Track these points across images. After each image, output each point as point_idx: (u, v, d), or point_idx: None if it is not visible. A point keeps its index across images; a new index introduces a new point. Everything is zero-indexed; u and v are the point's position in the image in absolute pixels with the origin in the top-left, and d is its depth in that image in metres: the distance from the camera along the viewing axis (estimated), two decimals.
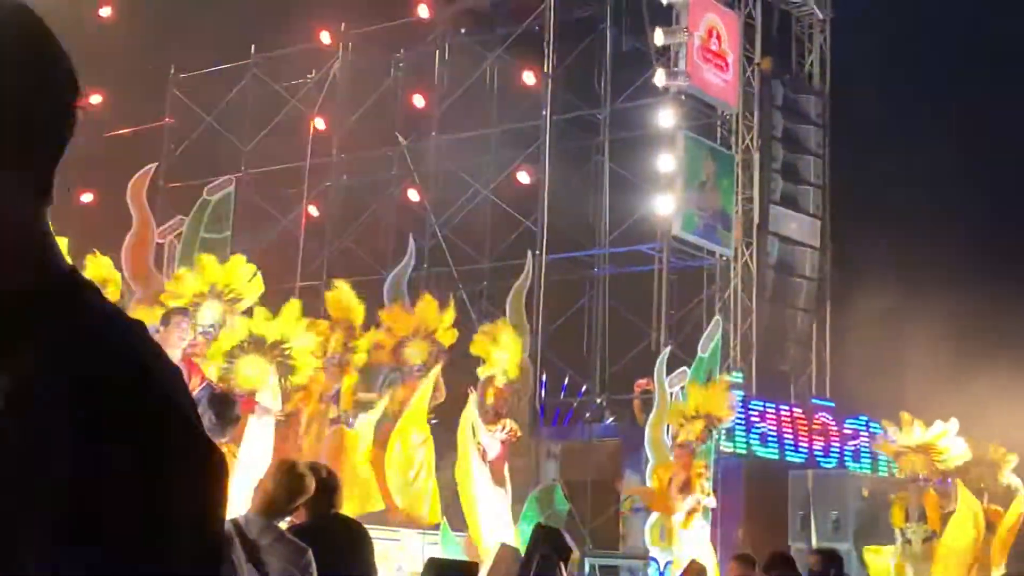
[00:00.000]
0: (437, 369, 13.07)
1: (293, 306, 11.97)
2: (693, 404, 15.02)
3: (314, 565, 5.01)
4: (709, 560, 13.82)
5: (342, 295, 13.28)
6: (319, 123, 22.24)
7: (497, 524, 12.89)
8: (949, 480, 17.21)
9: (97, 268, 11.93)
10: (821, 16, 24.27)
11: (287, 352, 11.47)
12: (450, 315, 13.65)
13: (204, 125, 22.98)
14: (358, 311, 13.18)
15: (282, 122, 22.66)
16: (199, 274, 12.02)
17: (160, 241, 14.67)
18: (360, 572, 5.85)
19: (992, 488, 16.91)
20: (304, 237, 21.61)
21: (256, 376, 11.13)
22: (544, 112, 20.12)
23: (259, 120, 22.92)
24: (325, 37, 22.37)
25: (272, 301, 12.55)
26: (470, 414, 13.15)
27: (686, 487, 14.44)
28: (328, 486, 5.81)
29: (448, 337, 13.57)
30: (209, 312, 11.78)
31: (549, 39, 20.26)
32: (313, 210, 22.33)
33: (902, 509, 15.80)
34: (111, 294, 10.93)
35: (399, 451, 12.71)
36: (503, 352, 13.58)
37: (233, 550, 4.68)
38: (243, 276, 12.16)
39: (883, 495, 16.65)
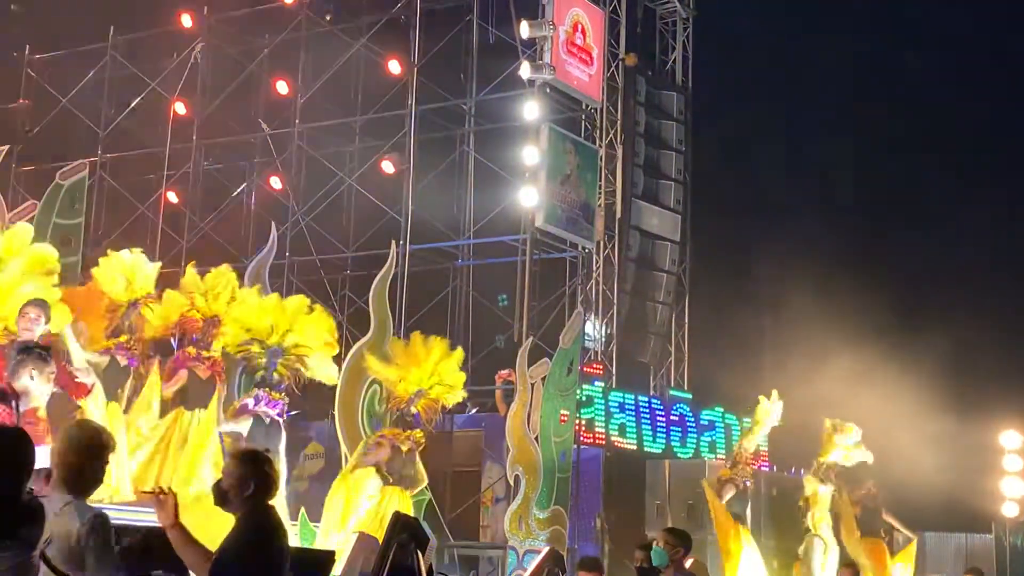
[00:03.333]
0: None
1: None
2: None
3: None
4: None
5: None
6: (180, 108, 21.81)
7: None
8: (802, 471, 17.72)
9: None
10: (684, 14, 24.68)
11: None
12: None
13: (60, 107, 22.36)
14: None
15: (141, 106, 22.18)
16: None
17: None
18: None
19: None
20: (163, 224, 21.17)
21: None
22: (409, 102, 20.05)
23: (117, 104, 22.40)
24: (186, 20, 21.95)
25: None
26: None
27: None
28: None
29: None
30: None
31: (415, 29, 20.20)
32: (172, 196, 21.90)
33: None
34: None
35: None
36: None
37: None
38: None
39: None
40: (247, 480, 5.43)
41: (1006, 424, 23.25)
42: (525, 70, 19.37)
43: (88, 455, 4.99)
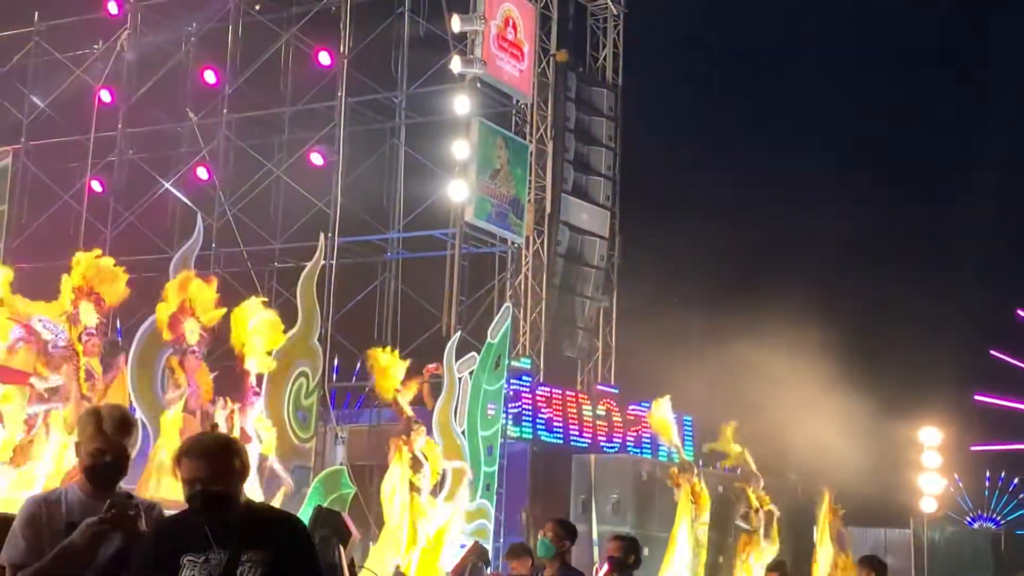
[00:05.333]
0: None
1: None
2: None
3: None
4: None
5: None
6: (105, 96, 21.49)
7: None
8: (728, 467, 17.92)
9: None
10: (615, 11, 24.80)
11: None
12: (211, 295, 13.26)
13: None
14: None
15: (66, 93, 21.82)
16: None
17: None
18: None
19: (744, 465, 17.72)
20: (86, 213, 20.85)
21: None
22: (339, 94, 19.93)
23: (41, 91, 22.03)
24: (112, 7, 21.62)
25: (51, 279, 12.14)
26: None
27: None
28: None
29: (211, 318, 13.19)
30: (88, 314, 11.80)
31: (345, 20, 20.08)
32: (96, 185, 21.59)
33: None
34: None
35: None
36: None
37: None
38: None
39: (662, 478, 17.17)
40: None
41: (925, 421, 23.68)
42: (456, 64, 19.35)
43: None
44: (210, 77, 21.46)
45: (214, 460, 4.19)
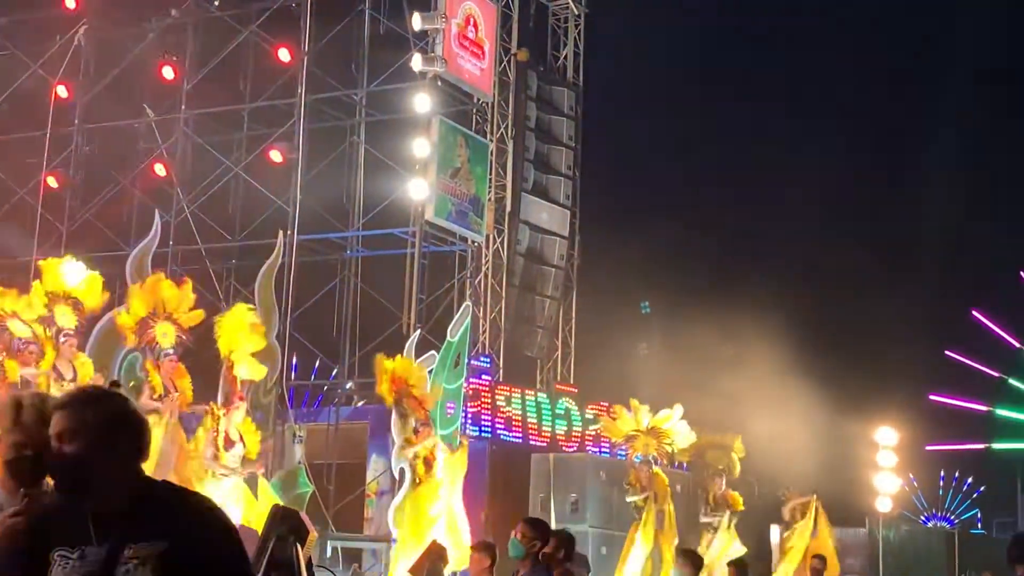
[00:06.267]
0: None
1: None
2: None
3: None
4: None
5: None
6: (62, 91, 21.28)
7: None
8: (685, 465, 18.00)
9: None
10: (576, 11, 24.83)
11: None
12: (189, 296, 13.25)
13: None
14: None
15: (22, 88, 21.59)
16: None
17: None
18: None
19: (729, 469, 17.82)
20: (42, 209, 20.64)
21: None
22: (299, 91, 19.85)
23: None
24: (70, 2, 21.40)
25: (8, 275, 12.05)
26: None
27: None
28: None
29: (189, 320, 13.21)
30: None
31: (306, 17, 19.99)
32: (53, 181, 21.37)
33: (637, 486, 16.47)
34: None
35: None
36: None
37: None
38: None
39: (620, 478, 17.21)
40: None
41: (881, 420, 23.88)
42: (417, 62, 19.31)
43: None
44: (169, 73, 21.29)
45: (73, 415, 3.33)
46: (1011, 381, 38.15)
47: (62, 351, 12.12)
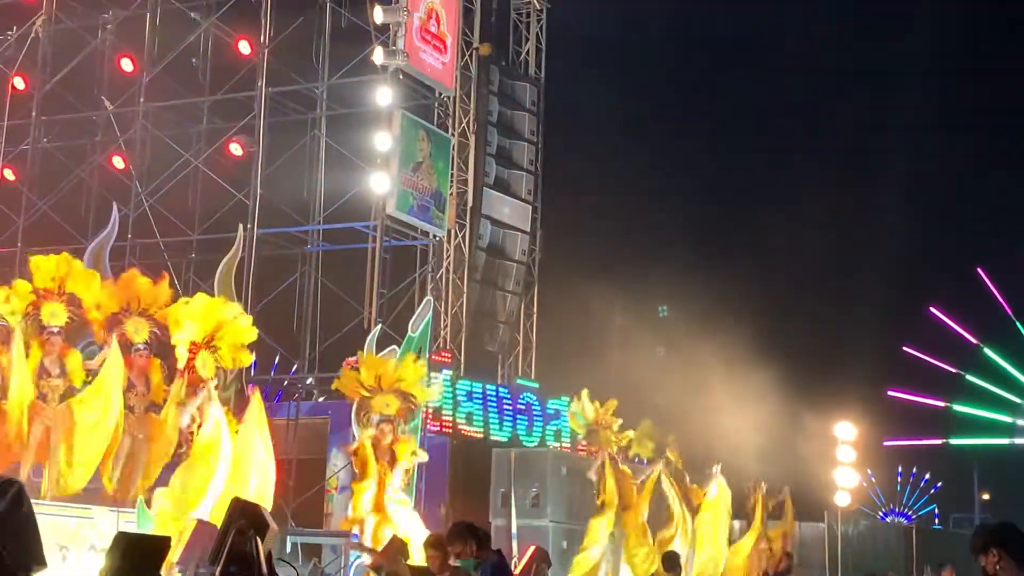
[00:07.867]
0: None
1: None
2: (372, 374, 14.81)
3: None
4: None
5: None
6: (18, 82, 21.06)
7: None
8: (645, 460, 18.02)
9: None
10: (539, 6, 24.83)
11: None
12: (166, 292, 13.10)
13: None
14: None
15: None
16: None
17: None
18: None
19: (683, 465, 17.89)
20: None
21: None
22: (259, 83, 19.72)
23: None
24: None
25: None
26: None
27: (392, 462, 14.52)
28: None
29: (165, 316, 13.03)
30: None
31: (266, 9, 19.85)
32: (9, 174, 21.14)
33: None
34: None
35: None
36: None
37: None
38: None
39: (582, 473, 17.21)
40: None
41: (839, 416, 24.03)
42: (378, 56, 19.23)
43: None
44: (127, 65, 21.12)
45: None
46: (968, 377, 38.59)
47: (47, 348, 11.98)
